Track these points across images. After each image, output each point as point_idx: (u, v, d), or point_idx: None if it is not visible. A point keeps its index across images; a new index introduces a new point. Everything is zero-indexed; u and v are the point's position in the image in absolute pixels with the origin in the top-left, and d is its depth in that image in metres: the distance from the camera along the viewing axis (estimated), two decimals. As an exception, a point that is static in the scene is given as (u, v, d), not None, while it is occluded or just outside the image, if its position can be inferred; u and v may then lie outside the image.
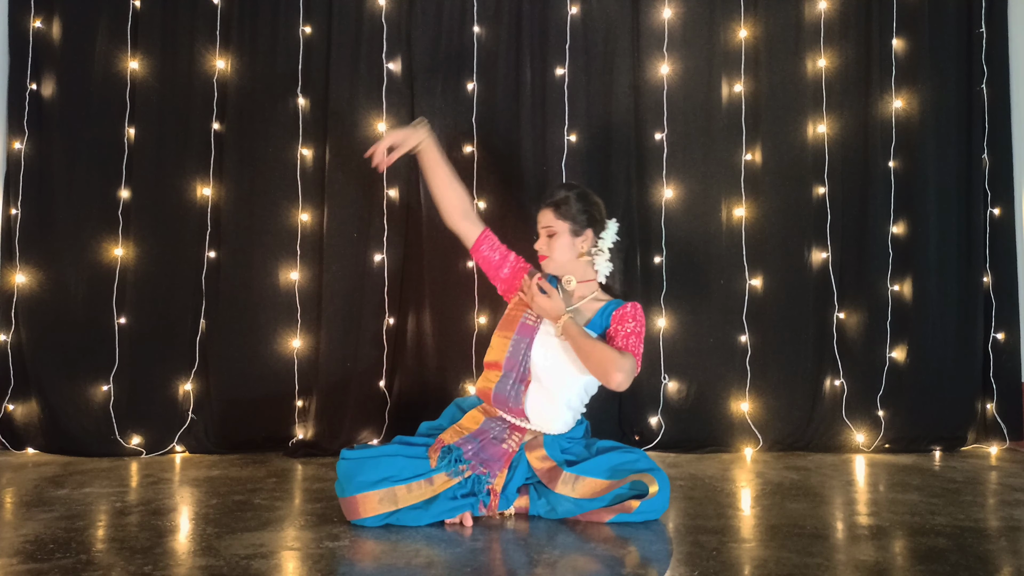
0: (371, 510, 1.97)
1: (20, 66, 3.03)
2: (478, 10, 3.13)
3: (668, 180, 3.13)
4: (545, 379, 2.22)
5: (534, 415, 2.22)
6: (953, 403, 3.08)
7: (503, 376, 2.23)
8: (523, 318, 2.28)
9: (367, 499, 1.97)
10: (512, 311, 2.33)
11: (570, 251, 2.31)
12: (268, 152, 3.08)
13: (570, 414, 2.26)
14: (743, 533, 1.95)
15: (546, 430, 2.22)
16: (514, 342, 2.24)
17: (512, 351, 2.24)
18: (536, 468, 2.13)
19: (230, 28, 3.09)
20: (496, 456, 2.12)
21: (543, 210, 2.34)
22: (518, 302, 2.32)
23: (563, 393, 2.23)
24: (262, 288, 3.05)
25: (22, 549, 1.78)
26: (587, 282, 2.34)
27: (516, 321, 2.28)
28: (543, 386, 2.22)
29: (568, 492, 2.06)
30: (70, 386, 2.94)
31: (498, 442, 2.16)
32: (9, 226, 3.01)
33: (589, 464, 2.10)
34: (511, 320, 2.30)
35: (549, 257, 2.31)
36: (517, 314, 2.30)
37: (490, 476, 2.08)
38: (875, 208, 3.11)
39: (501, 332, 2.31)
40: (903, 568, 1.68)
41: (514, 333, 2.26)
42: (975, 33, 3.14)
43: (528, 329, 2.26)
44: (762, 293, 3.11)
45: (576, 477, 2.07)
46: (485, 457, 2.11)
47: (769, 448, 3.04)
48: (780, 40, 3.15)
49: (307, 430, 3.00)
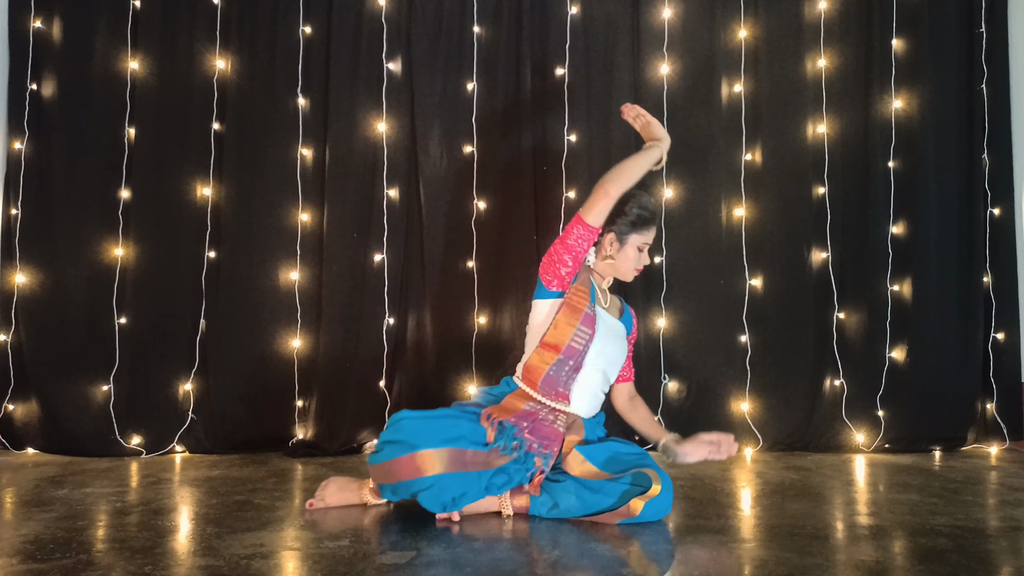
0: (430, 468, 1.99)
1: (20, 66, 3.03)
2: (478, 10, 3.14)
3: (668, 180, 3.13)
4: (593, 371, 2.25)
5: (576, 400, 2.24)
6: (953, 403, 3.08)
7: (559, 360, 2.21)
8: (586, 309, 2.25)
9: (431, 456, 1.99)
10: (574, 298, 2.26)
11: None
12: (268, 152, 3.09)
13: (597, 401, 2.31)
14: (743, 533, 1.95)
15: (582, 414, 2.26)
16: (578, 331, 2.23)
17: (575, 340, 2.22)
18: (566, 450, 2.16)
19: (230, 28, 3.09)
20: (551, 436, 2.14)
21: (654, 228, 2.35)
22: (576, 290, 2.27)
23: (603, 383, 2.29)
24: (262, 288, 3.06)
25: (22, 549, 1.78)
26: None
27: (580, 311, 2.25)
28: (589, 376, 2.25)
29: (573, 469, 2.09)
30: (70, 386, 2.94)
31: (549, 423, 2.17)
32: (9, 226, 3.01)
33: (595, 448, 2.13)
34: (575, 309, 2.25)
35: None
36: (580, 304, 2.26)
37: (551, 455, 2.11)
38: (875, 208, 3.11)
39: (566, 318, 2.24)
40: (903, 568, 1.68)
41: (579, 322, 2.23)
42: (975, 33, 3.14)
43: (590, 320, 2.24)
44: (762, 293, 3.11)
45: (583, 459, 2.10)
46: (541, 436, 2.12)
47: (769, 448, 3.04)
48: (780, 40, 3.15)
49: (307, 430, 3.00)
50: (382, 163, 3.09)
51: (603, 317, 2.28)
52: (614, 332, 2.30)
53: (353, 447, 2.99)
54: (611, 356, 2.29)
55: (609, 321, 2.30)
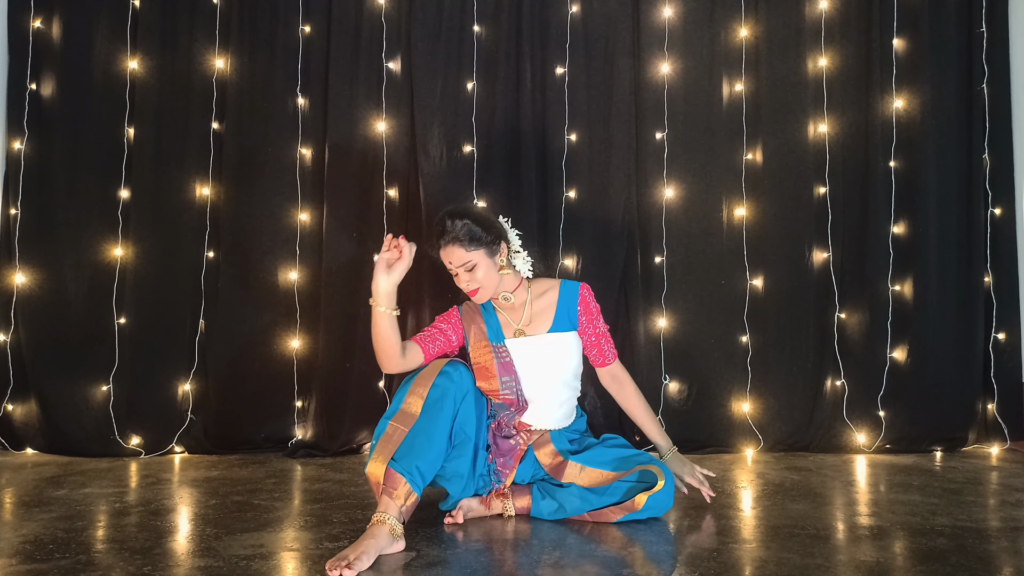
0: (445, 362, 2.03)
1: (20, 66, 3.03)
2: (478, 9, 3.13)
3: (669, 180, 3.13)
4: (539, 398, 2.22)
5: (535, 421, 2.23)
6: (954, 403, 3.07)
7: (499, 404, 2.19)
8: (495, 357, 2.19)
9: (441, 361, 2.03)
10: (478, 357, 2.21)
11: (494, 273, 2.20)
12: (268, 152, 3.08)
13: (566, 408, 2.27)
14: (744, 534, 1.94)
15: (549, 427, 2.24)
16: (503, 384, 2.17)
17: (505, 391, 2.18)
18: (545, 464, 2.15)
19: (230, 28, 3.09)
20: (506, 452, 2.13)
21: (447, 248, 2.17)
22: (475, 348, 2.22)
23: (557, 398, 2.24)
24: (261, 288, 3.05)
25: (21, 549, 1.77)
26: (519, 287, 2.27)
27: (492, 367, 2.18)
28: (539, 403, 2.22)
29: (575, 479, 2.07)
30: (70, 386, 2.94)
31: (507, 437, 2.16)
32: (9, 226, 3.00)
33: (594, 453, 2.11)
34: (485, 369, 2.19)
35: (480, 288, 2.18)
36: (487, 361, 2.19)
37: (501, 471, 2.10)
38: (876, 208, 3.11)
39: (483, 382, 2.19)
40: (904, 569, 1.68)
41: (498, 377, 2.17)
42: (975, 33, 3.14)
43: (507, 366, 2.19)
44: (763, 293, 3.10)
45: (582, 467, 2.08)
46: (499, 451, 2.13)
47: (770, 449, 3.03)
48: (781, 40, 3.15)
49: (306, 430, 2.99)
50: (382, 163, 3.08)
51: (519, 346, 2.20)
52: (541, 347, 2.21)
53: (352, 447, 2.98)
54: (552, 370, 2.21)
55: (527, 344, 2.20)
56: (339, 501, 2.23)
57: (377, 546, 1.73)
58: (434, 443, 1.90)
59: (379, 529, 1.77)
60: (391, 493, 1.83)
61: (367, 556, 1.68)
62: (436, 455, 1.91)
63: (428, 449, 1.89)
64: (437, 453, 1.92)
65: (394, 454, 1.86)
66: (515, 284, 2.26)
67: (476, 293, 2.19)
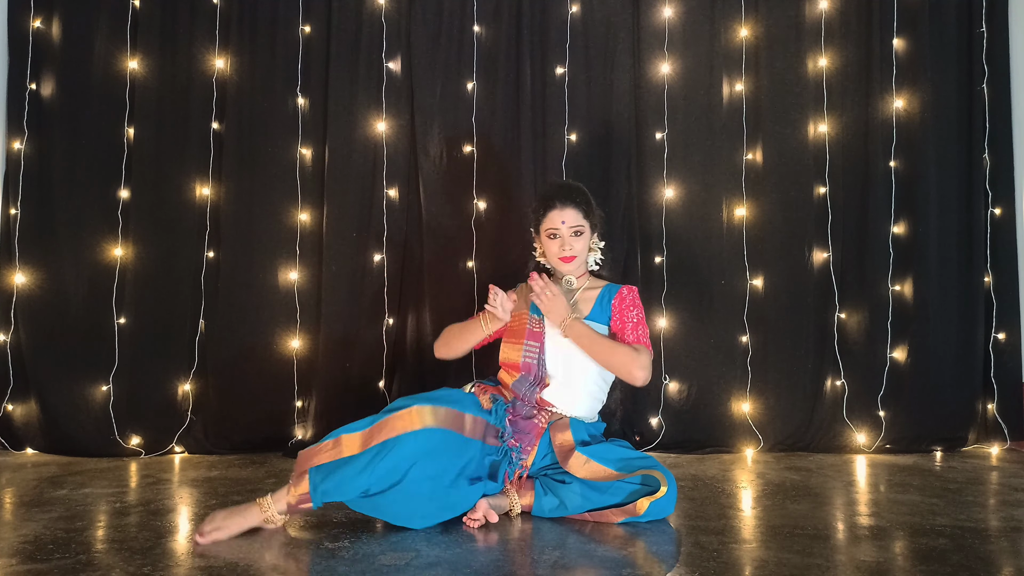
0: (419, 423, 1.91)
1: (20, 66, 3.03)
2: (478, 10, 3.13)
3: (669, 180, 3.13)
4: (563, 379, 2.26)
5: (557, 402, 2.26)
6: (954, 403, 3.07)
7: (521, 377, 2.27)
8: (528, 325, 2.28)
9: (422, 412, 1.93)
10: (514, 323, 2.33)
11: (587, 249, 2.35)
12: (267, 152, 3.08)
13: (590, 402, 2.30)
14: (744, 534, 1.94)
15: (571, 413, 2.26)
16: (526, 348, 2.26)
17: (526, 356, 2.26)
18: (556, 444, 2.15)
19: (229, 28, 3.09)
20: (527, 430, 2.15)
21: (566, 209, 2.27)
22: (515, 312, 2.32)
23: (583, 384, 2.28)
24: (261, 288, 3.05)
25: (21, 549, 1.77)
26: (583, 276, 2.38)
27: (523, 330, 2.29)
28: (562, 385, 2.26)
29: (577, 470, 2.06)
30: (69, 386, 2.94)
31: (528, 417, 2.18)
32: (9, 226, 3.00)
33: (599, 448, 2.12)
34: (517, 330, 2.31)
35: (576, 257, 2.28)
36: (522, 323, 2.30)
37: (520, 449, 2.11)
38: (876, 208, 3.11)
39: (510, 342, 2.30)
40: (904, 569, 1.68)
41: (524, 339, 2.27)
42: (975, 33, 3.14)
43: (536, 335, 2.27)
44: (763, 293, 3.10)
45: (586, 459, 2.07)
46: (518, 430, 2.13)
47: (770, 449, 3.03)
48: (780, 40, 3.15)
49: (306, 430, 2.99)
50: (382, 163, 3.08)
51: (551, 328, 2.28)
52: None
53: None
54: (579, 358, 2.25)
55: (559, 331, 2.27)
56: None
57: (242, 525, 1.87)
58: (356, 482, 1.87)
59: (254, 511, 1.89)
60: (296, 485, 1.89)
61: (227, 531, 1.84)
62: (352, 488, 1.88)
63: (348, 480, 1.87)
64: (354, 488, 1.88)
65: (322, 463, 1.90)
66: (583, 271, 2.37)
67: (571, 261, 2.27)
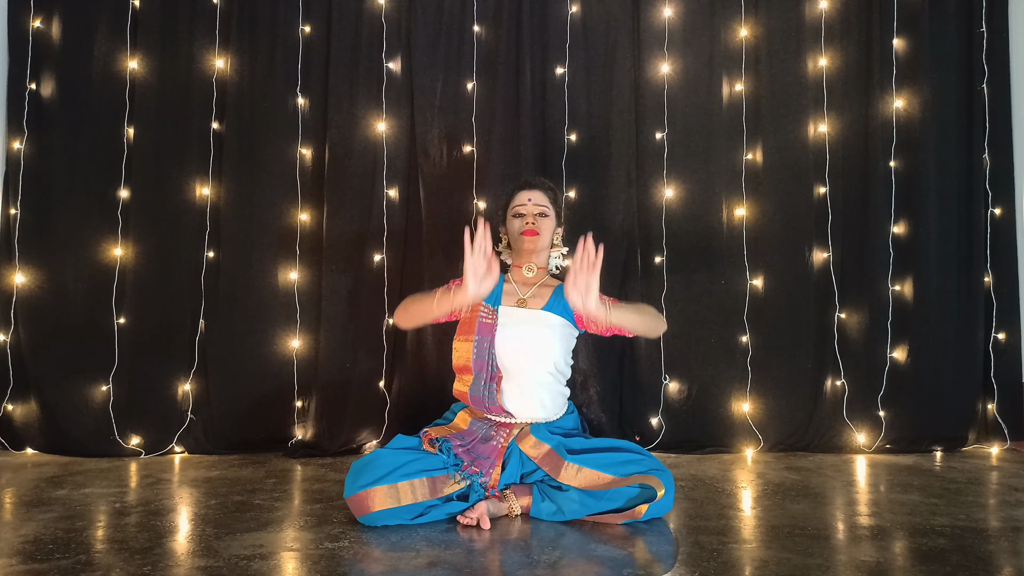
0: (379, 504, 1.95)
1: (20, 66, 3.03)
2: (478, 10, 3.13)
3: (669, 180, 3.13)
4: (514, 371, 2.24)
5: (514, 408, 2.24)
6: (954, 403, 3.07)
7: (475, 378, 2.26)
8: (479, 318, 2.28)
9: (375, 494, 1.95)
10: (467, 316, 2.32)
11: (549, 237, 2.38)
12: (267, 152, 3.08)
13: (549, 397, 2.27)
14: (744, 534, 1.94)
15: (533, 419, 2.25)
16: (477, 343, 2.26)
17: (477, 352, 2.25)
18: (533, 457, 2.14)
19: (230, 28, 3.09)
20: (485, 454, 2.13)
21: (533, 190, 2.36)
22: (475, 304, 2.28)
23: (535, 379, 2.25)
24: (261, 288, 3.05)
25: (21, 549, 1.77)
26: (542, 270, 2.40)
27: (474, 323, 2.28)
28: (514, 378, 2.24)
29: (571, 481, 2.05)
30: (69, 386, 2.94)
31: (486, 440, 2.17)
32: (9, 226, 3.00)
33: (592, 457, 2.10)
34: (469, 323, 2.31)
35: (539, 235, 2.32)
36: (473, 316, 2.31)
37: (481, 474, 2.09)
38: (876, 208, 3.11)
39: (461, 337, 2.31)
40: (904, 569, 1.68)
41: (475, 335, 2.27)
42: (975, 33, 3.14)
43: (487, 327, 2.27)
44: (763, 293, 3.10)
45: (579, 468, 2.06)
46: (475, 456, 2.12)
47: (770, 449, 3.03)
48: (781, 40, 3.15)
49: (306, 430, 2.99)
50: (382, 163, 3.08)
51: (512, 314, 2.29)
52: (529, 321, 2.27)
53: (353, 447, 2.98)
54: (530, 346, 2.24)
55: (518, 314, 2.29)
56: (339, 501, 2.23)
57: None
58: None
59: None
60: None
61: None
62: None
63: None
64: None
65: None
66: (543, 265, 2.40)
67: (534, 236, 2.31)
